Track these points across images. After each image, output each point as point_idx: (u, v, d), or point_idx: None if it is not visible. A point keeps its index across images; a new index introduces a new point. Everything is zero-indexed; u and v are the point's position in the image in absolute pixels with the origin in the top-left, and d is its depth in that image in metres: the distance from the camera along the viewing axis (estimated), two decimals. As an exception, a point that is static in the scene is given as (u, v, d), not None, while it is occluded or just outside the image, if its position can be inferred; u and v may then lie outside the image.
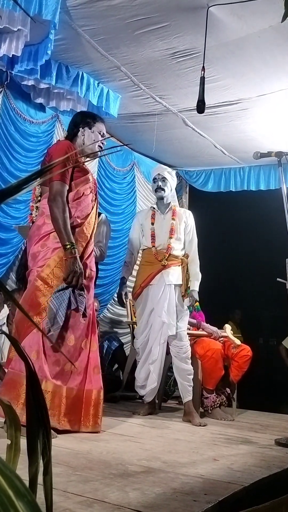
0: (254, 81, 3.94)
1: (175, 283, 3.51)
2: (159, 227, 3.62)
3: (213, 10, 3.07)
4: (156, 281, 3.52)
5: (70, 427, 2.56)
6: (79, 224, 2.74)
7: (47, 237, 2.66)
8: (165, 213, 3.67)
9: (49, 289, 2.58)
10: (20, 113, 4.11)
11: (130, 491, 1.59)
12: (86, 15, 3.23)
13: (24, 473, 0.66)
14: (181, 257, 3.59)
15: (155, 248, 3.59)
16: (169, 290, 3.48)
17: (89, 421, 2.64)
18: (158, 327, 3.44)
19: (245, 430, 3.20)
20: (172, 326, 3.42)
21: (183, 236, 3.63)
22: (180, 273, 3.54)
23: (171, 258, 3.55)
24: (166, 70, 3.89)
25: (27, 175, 0.66)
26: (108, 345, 4.70)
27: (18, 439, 0.70)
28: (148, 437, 2.70)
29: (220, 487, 1.71)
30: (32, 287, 2.60)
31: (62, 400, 2.55)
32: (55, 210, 2.60)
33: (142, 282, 3.56)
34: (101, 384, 2.74)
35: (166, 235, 3.59)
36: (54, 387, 2.53)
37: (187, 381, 3.47)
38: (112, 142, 5.19)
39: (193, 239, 3.68)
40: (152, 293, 3.51)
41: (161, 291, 3.48)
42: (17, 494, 0.44)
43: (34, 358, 2.48)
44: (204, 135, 5.09)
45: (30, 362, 0.67)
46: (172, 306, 3.46)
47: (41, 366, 2.50)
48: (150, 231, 3.64)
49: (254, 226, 6.55)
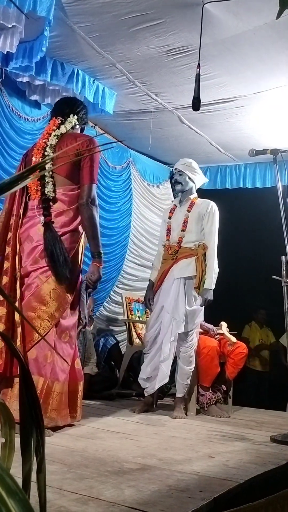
0: (249, 79, 3.94)
1: (184, 276, 3.42)
2: (175, 220, 3.57)
3: (208, 7, 3.06)
4: (168, 276, 3.48)
5: (65, 422, 2.59)
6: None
7: (66, 235, 2.60)
8: (182, 206, 3.62)
9: (61, 288, 2.56)
10: (15, 110, 4.09)
11: (126, 488, 1.60)
12: (81, 11, 3.22)
13: (19, 471, 0.66)
14: (193, 248, 3.47)
15: (169, 242, 3.55)
16: (179, 285, 3.41)
17: (75, 413, 2.68)
18: (168, 324, 3.39)
19: (240, 427, 3.21)
20: (180, 323, 3.36)
21: (196, 227, 3.48)
22: (193, 264, 3.42)
23: (182, 251, 3.46)
24: (161, 67, 3.88)
25: (20, 172, 0.66)
26: (104, 343, 4.69)
27: (13, 437, 0.70)
28: (144, 434, 2.70)
29: (215, 484, 1.72)
30: (45, 283, 2.54)
31: (63, 397, 2.56)
32: (95, 215, 2.60)
33: (158, 280, 3.54)
34: (81, 375, 2.79)
35: (179, 228, 3.52)
36: (63, 387, 2.55)
37: (183, 380, 3.48)
38: (108, 138, 5.18)
39: (212, 231, 3.48)
40: (163, 289, 3.48)
41: (170, 286, 3.43)
42: (8, 492, 0.44)
43: (46, 360, 2.48)
44: (200, 133, 5.09)
45: (23, 360, 0.67)
46: (181, 302, 3.38)
47: (54, 368, 2.50)
48: (166, 225, 3.61)
49: (250, 224, 6.55)
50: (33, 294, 2.54)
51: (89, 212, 2.57)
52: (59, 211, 2.61)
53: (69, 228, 2.61)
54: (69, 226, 2.60)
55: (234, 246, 6.52)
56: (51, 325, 2.51)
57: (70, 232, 2.61)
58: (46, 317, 2.50)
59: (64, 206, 2.61)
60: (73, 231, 2.64)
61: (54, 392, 2.49)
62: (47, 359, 2.47)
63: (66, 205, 2.61)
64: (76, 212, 2.64)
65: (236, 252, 6.62)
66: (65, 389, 2.59)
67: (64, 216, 2.61)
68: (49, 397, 2.45)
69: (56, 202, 2.62)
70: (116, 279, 5.51)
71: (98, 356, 4.58)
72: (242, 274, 6.76)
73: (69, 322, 2.64)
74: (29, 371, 0.68)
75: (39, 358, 2.44)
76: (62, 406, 2.55)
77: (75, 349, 2.76)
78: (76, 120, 2.79)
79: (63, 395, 2.56)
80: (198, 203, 3.60)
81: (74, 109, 2.82)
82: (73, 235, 2.62)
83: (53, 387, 2.48)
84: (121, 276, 5.57)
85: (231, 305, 5.88)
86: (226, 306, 5.50)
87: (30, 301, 2.52)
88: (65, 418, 2.58)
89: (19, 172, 3.03)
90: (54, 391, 2.49)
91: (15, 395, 2.36)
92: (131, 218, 5.64)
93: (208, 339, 3.80)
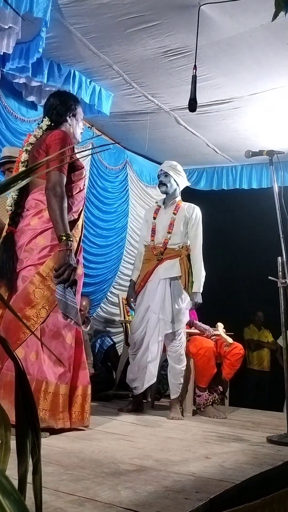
0: (246, 80, 3.95)
1: (170, 277, 3.45)
2: (160, 221, 3.59)
3: (204, 9, 3.07)
4: (152, 277, 3.49)
5: (63, 425, 2.56)
6: (76, 219, 2.73)
7: (46, 232, 2.60)
8: (167, 208, 3.65)
9: (46, 287, 2.55)
10: (12, 111, 4.09)
11: (122, 489, 1.59)
12: (77, 13, 3.22)
13: (15, 473, 0.66)
14: (178, 249, 3.51)
15: (153, 243, 3.56)
16: (165, 285, 3.44)
17: (79, 417, 2.65)
18: (154, 324, 3.41)
19: (237, 428, 3.21)
20: (168, 323, 3.39)
21: (182, 230, 3.54)
22: (177, 265, 3.46)
23: (167, 252, 3.50)
24: (158, 68, 3.89)
25: (16, 174, 0.66)
26: (100, 344, 4.69)
27: (8, 438, 0.70)
28: (141, 435, 2.70)
29: (212, 484, 1.72)
30: (29, 283, 2.55)
31: (59, 399, 2.54)
32: (53, 200, 2.53)
33: (142, 280, 3.55)
34: (88, 379, 2.74)
35: (165, 230, 3.55)
36: (56, 388, 2.52)
37: (176, 380, 3.48)
38: (104, 140, 5.18)
39: (197, 235, 3.56)
40: (148, 289, 3.49)
41: (156, 287, 3.45)
42: (4, 493, 0.44)
43: (33, 359, 2.46)
44: (197, 134, 5.10)
45: (19, 361, 0.67)
46: (167, 302, 3.41)
47: (41, 367, 2.47)
48: (151, 226, 3.62)
49: (246, 225, 6.57)
50: (18, 294, 2.55)
51: (48, 200, 2.57)
52: (37, 210, 2.65)
53: (49, 225, 2.60)
54: (49, 223, 2.60)
55: (230, 247, 6.53)
56: (36, 324, 2.51)
57: (51, 229, 2.59)
58: (32, 316, 2.51)
59: (42, 205, 2.64)
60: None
61: (45, 391, 2.47)
62: (34, 358, 2.47)
63: (44, 203, 2.63)
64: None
65: (232, 253, 6.63)
66: (62, 391, 2.57)
67: (43, 213, 2.63)
68: (38, 396, 2.44)
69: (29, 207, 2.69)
70: (112, 280, 5.51)
71: (95, 357, 4.57)
72: (238, 275, 6.77)
73: (59, 321, 2.60)
74: (24, 372, 0.68)
75: (27, 357, 2.45)
76: (57, 407, 2.53)
77: (78, 351, 2.72)
78: (48, 122, 2.82)
79: (59, 396, 2.54)
80: (183, 206, 3.65)
81: (47, 111, 2.85)
82: (54, 232, 2.59)
83: (42, 386, 2.46)
84: (118, 277, 5.57)
85: (228, 307, 5.89)
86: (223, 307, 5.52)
87: (16, 301, 2.52)
88: (62, 421, 2.55)
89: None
90: (45, 390, 2.47)
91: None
92: (127, 219, 5.65)
93: (204, 340, 3.81)
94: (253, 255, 6.28)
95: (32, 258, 2.59)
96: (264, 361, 6.56)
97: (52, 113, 2.83)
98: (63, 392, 2.57)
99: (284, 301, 2.91)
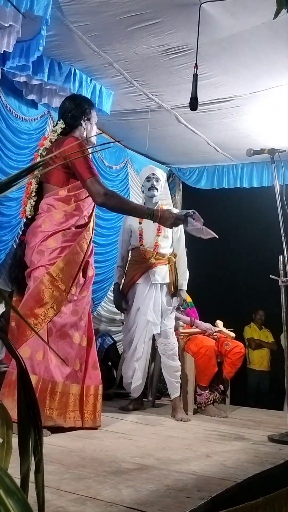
0: (247, 78, 3.94)
1: (161, 282, 3.54)
2: (147, 226, 3.62)
3: (205, 7, 3.06)
4: (142, 279, 3.55)
5: (74, 424, 2.58)
6: (87, 222, 2.77)
7: (57, 234, 2.65)
8: None
9: (55, 287, 2.58)
10: (12, 110, 4.08)
11: (123, 488, 1.59)
12: (78, 11, 3.21)
13: (17, 472, 0.66)
14: (168, 256, 3.62)
15: (143, 247, 3.63)
16: (155, 289, 3.52)
17: (91, 417, 2.66)
18: (143, 325, 3.48)
19: (238, 426, 3.21)
20: (156, 324, 3.46)
21: (170, 234, 3.65)
22: (167, 271, 3.57)
23: (158, 257, 3.57)
24: (159, 67, 3.87)
25: (17, 172, 0.65)
26: (101, 342, 4.69)
27: (10, 437, 0.70)
28: (142, 434, 2.70)
29: (213, 483, 1.72)
30: (39, 283, 2.59)
31: (69, 398, 2.55)
32: (112, 202, 2.63)
33: (130, 281, 3.61)
34: (100, 379, 2.77)
35: (153, 234, 3.62)
36: (64, 387, 2.53)
37: (174, 377, 3.51)
38: (105, 138, 5.17)
39: (181, 238, 3.72)
40: (138, 291, 3.56)
41: (147, 290, 3.53)
42: (7, 492, 0.43)
43: (40, 358, 2.48)
44: (197, 132, 5.09)
45: (21, 360, 0.67)
46: (157, 305, 3.50)
47: (47, 366, 2.49)
48: (138, 230, 3.68)
49: (247, 223, 6.56)
50: (29, 293, 2.59)
51: (108, 204, 2.65)
52: (49, 214, 2.71)
53: (60, 227, 2.66)
54: (60, 226, 2.66)
55: (231, 246, 6.53)
56: (44, 322, 2.52)
57: (62, 232, 2.65)
58: (40, 315, 2.53)
59: (53, 209, 2.70)
60: (65, 231, 2.68)
61: (52, 391, 2.48)
62: (40, 357, 2.47)
63: (55, 207, 2.70)
64: (69, 214, 2.70)
65: (233, 252, 6.63)
66: (73, 390, 2.59)
67: (54, 216, 2.69)
68: (45, 395, 2.44)
69: (41, 210, 2.76)
70: (113, 278, 5.49)
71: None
72: (239, 273, 6.77)
73: (66, 320, 2.61)
74: (27, 371, 0.68)
75: (33, 357, 2.45)
76: (67, 407, 2.54)
77: (90, 351, 2.75)
78: (62, 125, 2.85)
79: (69, 395, 2.56)
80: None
81: (62, 114, 2.92)
82: (64, 234, 2.66)
83: (48, 385, 2.47)
84: (119, 275, 5.56)
85: (229, 306, 5.89)
86: (224, 306, 5.52)
87: (27, 300, 2.56)
88: (73, 420, 2.58)
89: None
90: (52, 390, 2.48)
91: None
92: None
93: (205, 339, 3.81)
94: (254, 254, 6.28)
95: (43, 260, 2.64)
96: (265, 361, 6.57)
97: (67, 116, 2.88)
98: (74, 391, 2.59)
99: (285, 300, 2.91)
